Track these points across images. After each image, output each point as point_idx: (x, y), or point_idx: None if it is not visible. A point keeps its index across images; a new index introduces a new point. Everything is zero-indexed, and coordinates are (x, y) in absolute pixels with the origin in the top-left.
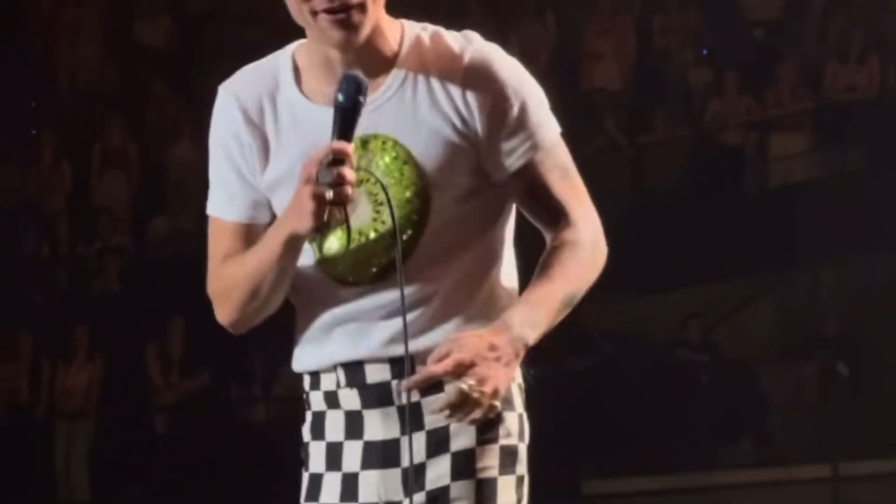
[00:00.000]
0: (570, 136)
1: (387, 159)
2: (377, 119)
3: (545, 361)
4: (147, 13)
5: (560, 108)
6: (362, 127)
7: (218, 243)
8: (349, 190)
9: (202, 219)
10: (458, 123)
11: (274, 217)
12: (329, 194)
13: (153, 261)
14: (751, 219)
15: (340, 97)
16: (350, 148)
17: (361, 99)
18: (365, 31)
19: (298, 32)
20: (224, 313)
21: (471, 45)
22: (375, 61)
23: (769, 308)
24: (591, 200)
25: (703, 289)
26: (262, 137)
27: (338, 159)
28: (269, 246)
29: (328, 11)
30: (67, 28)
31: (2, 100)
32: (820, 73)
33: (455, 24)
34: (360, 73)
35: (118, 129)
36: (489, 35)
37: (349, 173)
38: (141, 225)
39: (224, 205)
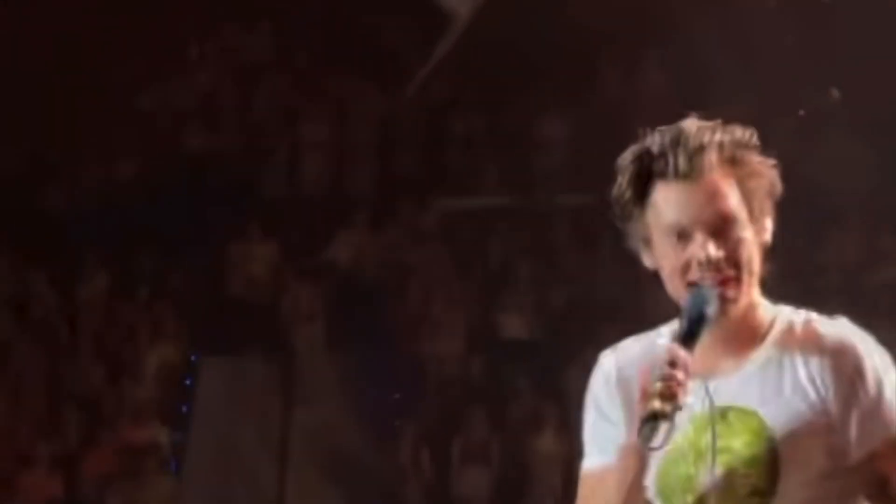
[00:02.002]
0: None
1: (744, 429)
2: (740, 390)
3: None
4: (510, 307)
5: None
6: (725, 397)
7: (586, 499)
8: (678, 390)
9: None
10: (817, 402)
11: None
12: (658, 385)
13: None
14: None
15: (689, 306)
16: (684, 355)
17: (708, 311)
18: (739, 305)
19: (655, 326)
20: None
21: (836, 328)
22: (745, 338)
23: None
24: None
25: None
26: (630, 402)
27: (673, 362)
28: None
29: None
30: (433, 322)
31: (369, 390)
32: None
33: None
34: (710, 286)
35: (480, 421)
36: None
37: (681, 377)
38: None
39: (597, 455)
